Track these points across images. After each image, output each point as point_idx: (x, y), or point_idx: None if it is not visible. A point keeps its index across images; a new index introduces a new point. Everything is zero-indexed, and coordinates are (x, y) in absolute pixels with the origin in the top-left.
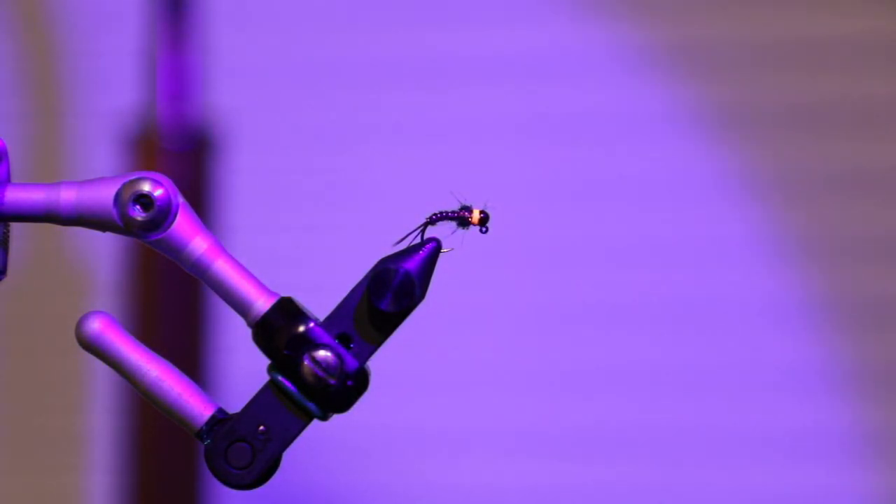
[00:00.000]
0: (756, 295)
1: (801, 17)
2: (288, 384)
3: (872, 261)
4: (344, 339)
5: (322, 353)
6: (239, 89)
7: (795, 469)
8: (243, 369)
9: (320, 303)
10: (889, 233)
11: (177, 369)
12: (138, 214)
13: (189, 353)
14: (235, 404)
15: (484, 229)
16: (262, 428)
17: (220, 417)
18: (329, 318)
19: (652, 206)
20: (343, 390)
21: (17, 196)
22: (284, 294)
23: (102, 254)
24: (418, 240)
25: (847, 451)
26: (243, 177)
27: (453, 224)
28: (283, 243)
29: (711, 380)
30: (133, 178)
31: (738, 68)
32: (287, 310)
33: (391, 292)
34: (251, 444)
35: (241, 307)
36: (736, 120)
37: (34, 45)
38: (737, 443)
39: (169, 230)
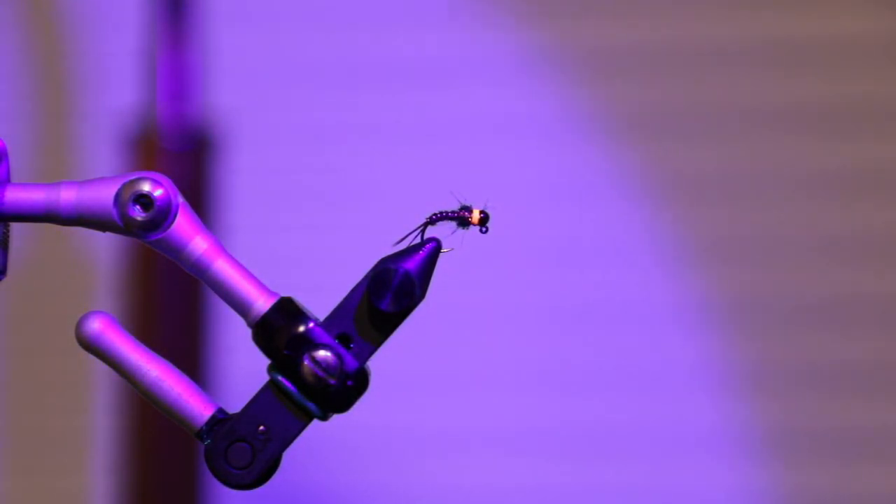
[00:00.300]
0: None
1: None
2: (288, 384)
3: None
4: (344, 339)
5: (322, 353)
6: (239, 89)
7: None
8: (243, 369)
9: (320, 303)
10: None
11: (177, 369)
12: (138, 214)
13: (189, 353)
14: (235, 404)
15: (484, 229)
16: (262, 428)
17: (220, 417)
18: (329, 318)
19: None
20: (343, 390)
21: (17, 196)
22: (284, 294)
23: (102, 254)
24: (418, 240)
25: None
26: (243, 177)
27: (453, 224)
28: (283, 243)
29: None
30: (133, 178)
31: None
32: (287, 310)
33: (391, 292)
34: (251, 444)
35: (241, 307)
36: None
37: (34, 46)
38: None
39: (169, 230)
